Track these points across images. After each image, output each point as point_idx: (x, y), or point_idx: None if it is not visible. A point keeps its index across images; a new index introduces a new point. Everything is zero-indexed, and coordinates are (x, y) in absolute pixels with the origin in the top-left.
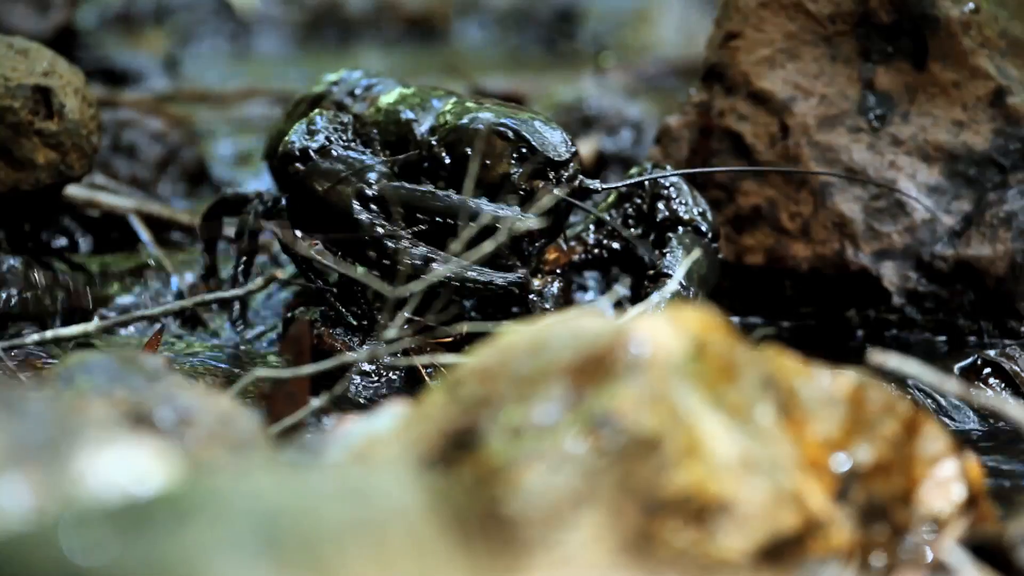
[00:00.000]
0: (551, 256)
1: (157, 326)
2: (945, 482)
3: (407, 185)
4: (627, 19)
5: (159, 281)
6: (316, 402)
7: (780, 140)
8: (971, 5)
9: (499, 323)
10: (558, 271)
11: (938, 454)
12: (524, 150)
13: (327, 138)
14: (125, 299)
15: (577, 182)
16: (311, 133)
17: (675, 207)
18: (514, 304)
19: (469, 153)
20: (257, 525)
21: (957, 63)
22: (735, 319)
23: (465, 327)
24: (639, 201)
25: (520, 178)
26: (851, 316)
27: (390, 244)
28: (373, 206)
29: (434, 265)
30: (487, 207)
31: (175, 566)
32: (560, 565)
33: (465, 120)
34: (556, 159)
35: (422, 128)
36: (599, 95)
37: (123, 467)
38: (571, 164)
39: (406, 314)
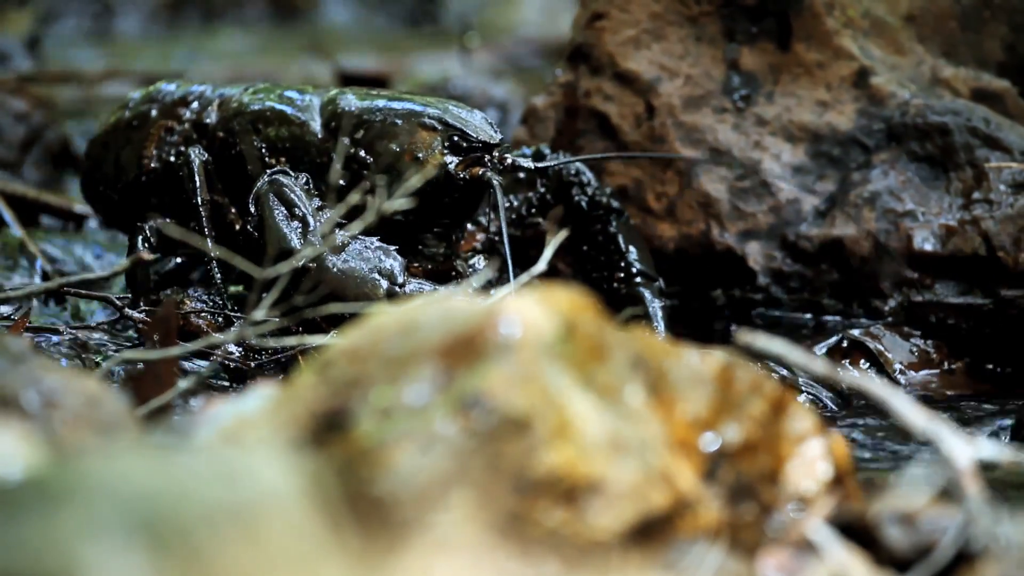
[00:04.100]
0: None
1: (22, 307)
2: (811, 461)
3: (424, 284)
4: None
5: (24, 262)
6: (183, 383)
7: (646, 120)
8: None
9: (365, 306)
10: (478, 249)
11: (804, 433)
12: (456, 138)
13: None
14: None
15: (510, 162)
16: (303, 223)
17: (589, 192)
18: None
19: (396, 150)
20: (128, 509)
21: (821, 43)
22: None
23: (332, 308)
24: (543, 190)
25: (458, 168)
26: (717, 296)
27: None
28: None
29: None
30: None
31: (44, 551)
32: (433, 546)
33: (375, 115)
34: (491, 142)
35: (316, 127)
36: (464, 75)
37: None
38: (503, 143)
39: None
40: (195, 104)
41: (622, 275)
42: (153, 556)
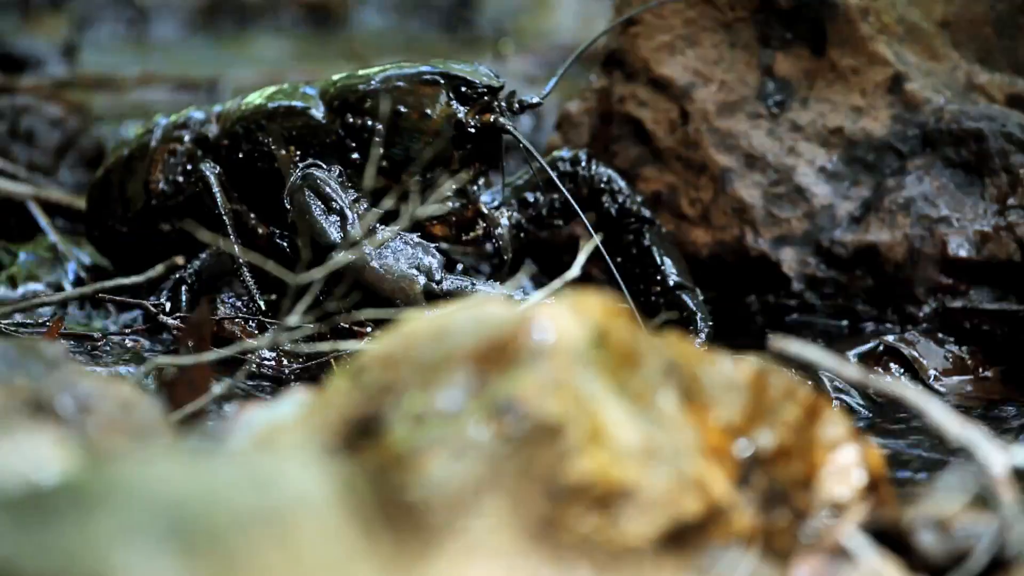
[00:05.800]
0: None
1: (57, 312)
2: (845, 467)
3: (462, 280)
4: (526, 5)
5: (58, 267)
6: (217, 389)
7: (680, 126)
8: None
9: (399, 310)
10: (503, 210)
11: (838, 439)
12: (462, 88)
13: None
14: (24, 285)
15: (518, 104)
16: (341, 216)
17: (620, 200)
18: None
19: (403, 111)
20: (161, 514)
21: (856, 49)
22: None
23: (367, 313)
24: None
25: (468, 116)
26: (751, 302)
27: None
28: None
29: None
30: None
31: (78, 556)
32: (466, 552)
33: (376, 84)
34: (496, 85)
35: (318, 112)
36: None
37: (23, 456)
38: (505, 87)
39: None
40: (193, 125)
41: (659, 288)
42: (186, 561)
